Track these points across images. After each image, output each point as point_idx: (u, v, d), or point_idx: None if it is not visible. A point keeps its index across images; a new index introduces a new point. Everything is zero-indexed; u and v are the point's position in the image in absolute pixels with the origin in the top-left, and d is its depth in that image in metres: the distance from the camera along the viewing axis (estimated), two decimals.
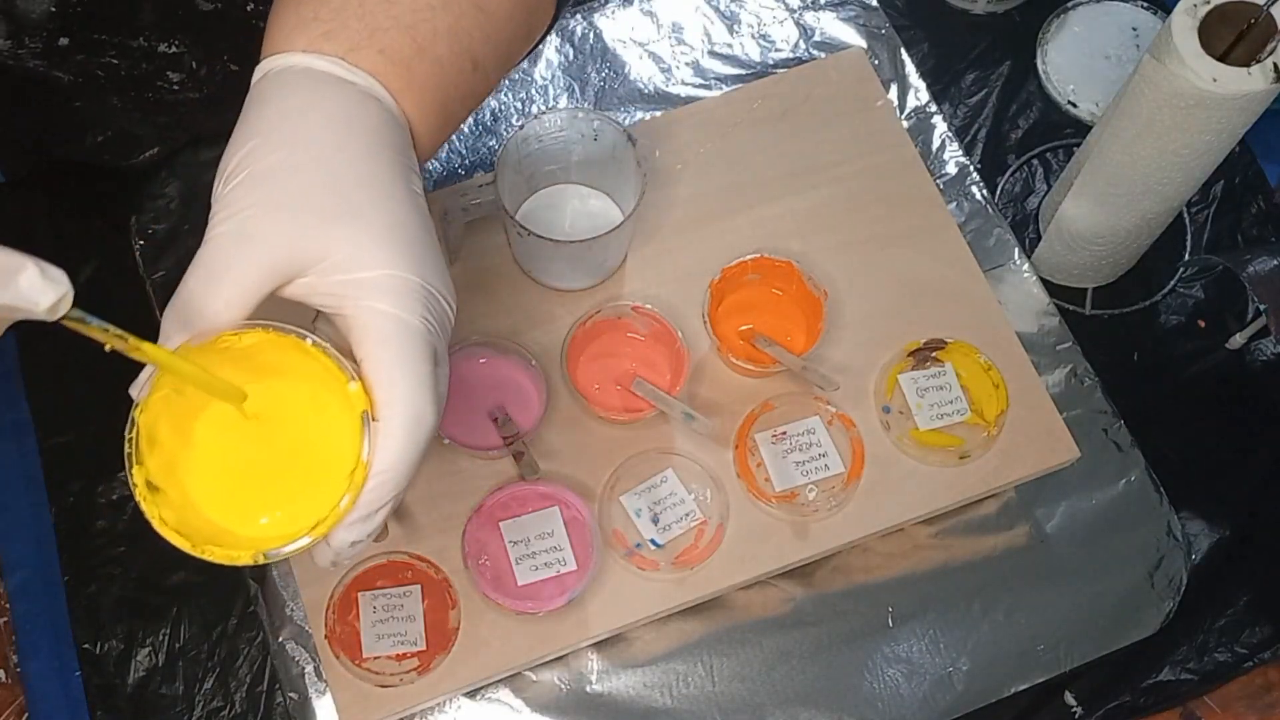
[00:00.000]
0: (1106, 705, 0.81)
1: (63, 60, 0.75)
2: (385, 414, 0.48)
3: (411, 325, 0.48)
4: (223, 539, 0.47)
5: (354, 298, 0.48)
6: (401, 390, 0.48)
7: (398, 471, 0.48)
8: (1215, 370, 0.90)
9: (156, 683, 0.80)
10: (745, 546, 0.74)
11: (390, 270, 0.48)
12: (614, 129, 0.73)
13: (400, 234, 0.49)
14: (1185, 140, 0.73)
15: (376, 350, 0.48)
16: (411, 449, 0.48)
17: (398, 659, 0.71)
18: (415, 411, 0.48)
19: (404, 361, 0.48)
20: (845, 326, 0.78)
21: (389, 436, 0.47)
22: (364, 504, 0.47)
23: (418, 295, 0.49)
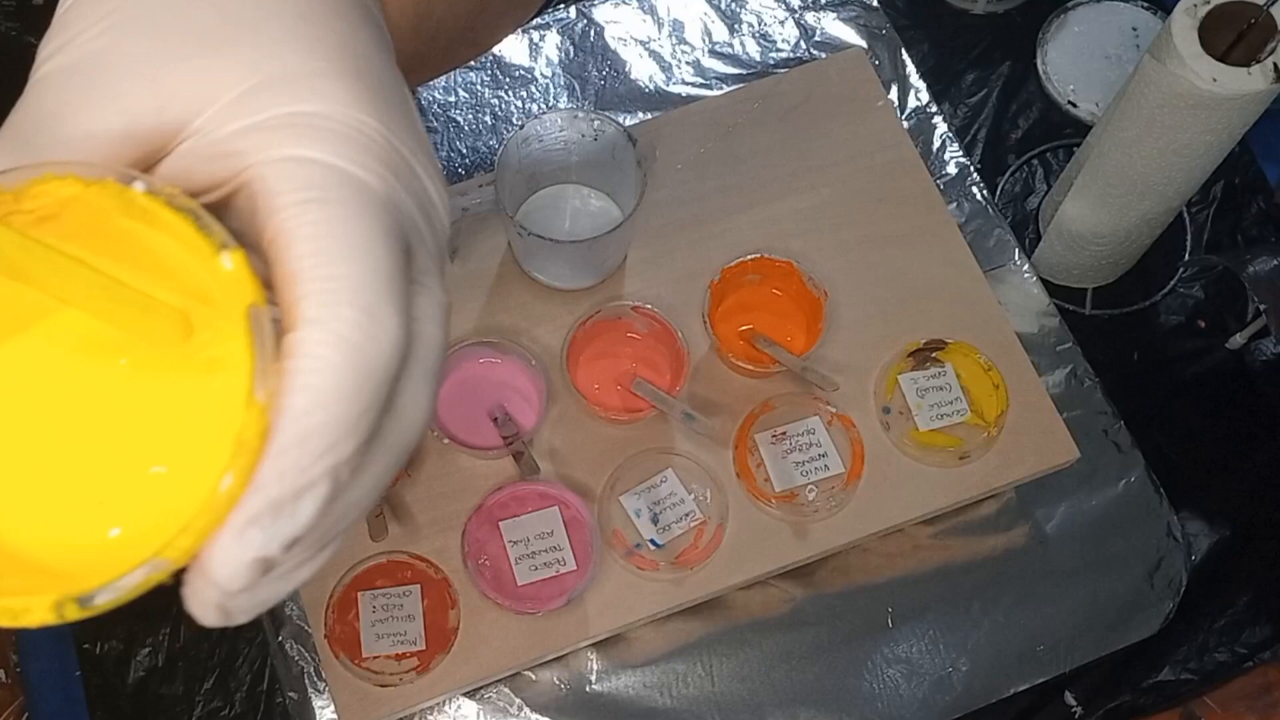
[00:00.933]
0: (1106, 705, 0.81)
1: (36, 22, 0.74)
2: (303, 311, 0.26)
3: (357, 178, 0.28)
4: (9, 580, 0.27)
5: (260, 150, 0.27)
6: (340, 269, 0.26)
7: (334, 412, 0.25)
8: (1215, 370, 0.90)
9: (156, 683, 0.80)
10: (745, 546, 0.73)
11: (329, 105, 0.28)
12: (614, 129, 0.73)
13: (348, 57, 0.29)
14: (1185, 140, 0.73)
15: (297, 215, 0.27)
16: (360, 372, 0.26)
17: (397, 659, 0.71)
18: (363, 306, 0.26)
19: (348, 227, 0.27)
20: (845, 327, 0.78)
21: (313, 353, 0.26)
22: (272, 480, 0.25)
23: (375, 149, 0.28)
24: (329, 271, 0.26)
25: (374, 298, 0.26)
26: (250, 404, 0.25)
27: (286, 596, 0.28)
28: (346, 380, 0.26)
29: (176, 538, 0.24)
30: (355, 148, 0.28)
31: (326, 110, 0.28)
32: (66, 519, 0.27)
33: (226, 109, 0.28)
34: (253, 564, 0.25)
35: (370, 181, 0.28)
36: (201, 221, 0.26)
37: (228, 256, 0.25)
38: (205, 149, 0.28)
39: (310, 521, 0.26)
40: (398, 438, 0.28)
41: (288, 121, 0.27)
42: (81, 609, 0.25)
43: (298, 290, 0.26)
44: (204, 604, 0.26)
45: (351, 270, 0.26)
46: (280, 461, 0.25)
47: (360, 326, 0.26)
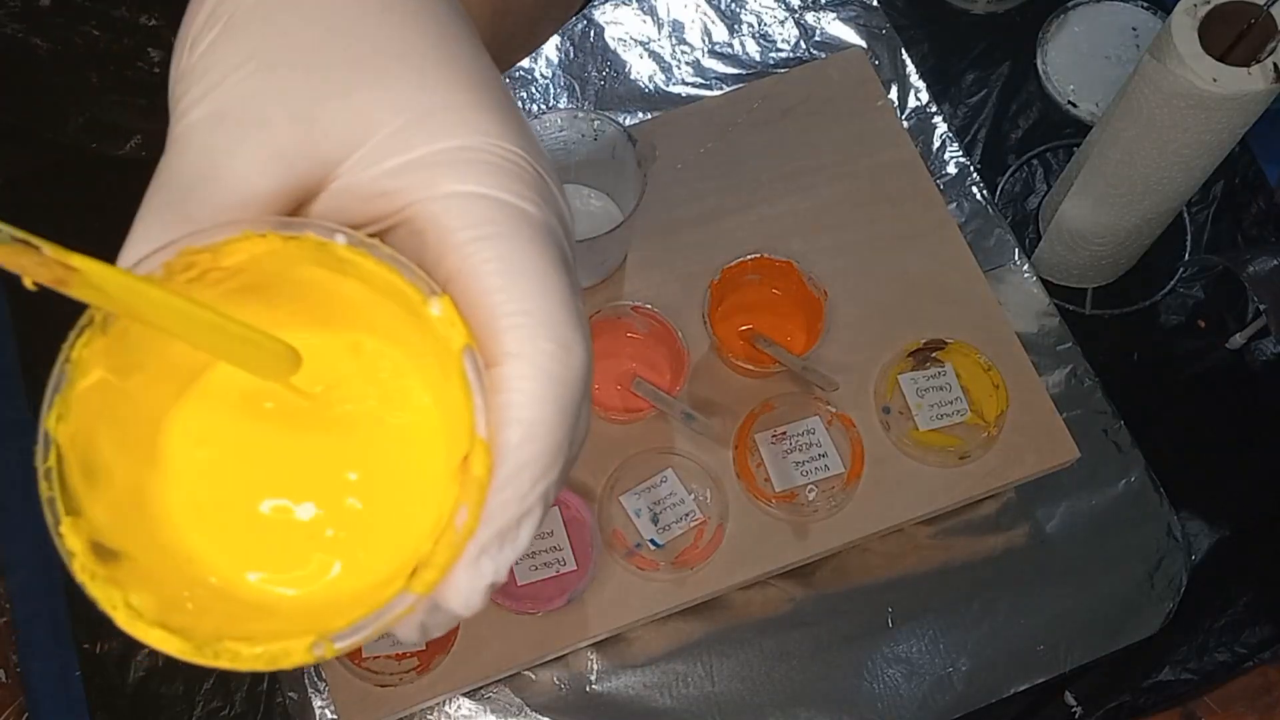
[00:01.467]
0: (1106, 705, 0.81)
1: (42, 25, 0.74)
2: (509, 350, 0.27)
3: (523, 210, 0.28)
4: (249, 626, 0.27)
5: (424, 187, 0.28)
6: (531, 304, 0.27)
7: (545, 443, 0.27)
8: (1215, 370, 0.90)
9: (156, 683, 0.80)
10: (745, 546, 0.73)
11: (480, 138, 0.28)
12: (614, 129, 0.73)
13: (484, 87, 0.30)
14: (1185, 140, 0.73)
15: (477, 251, 0.27)
16: (561, 403, 0.27)
17: (397, 659, 0.71)
18: (558, 339, 0.27)
19: (528, 260, 0.28)
20: (845, 326, 0.78)
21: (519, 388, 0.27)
22: (498, 512, 0.27)
23: (527, 178, 0.29)
24: (522, 306, 0.27)
25: (566, 330, 0.28)
26: (475, 440, 0.26)
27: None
28: (551, 411, 0.27)
29: (421, 573, 0.26)
30: (513, 179, 0.28)
31: (479, 143, 0.28)
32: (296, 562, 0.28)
33: (380, 146, 0.28)
34: (486, 590, 0.27)
35: (532, 211, 0.28)
36: (405, 270, 0.26)
37: (437, 304, 0.26)
38: (361, 187, 0.28)
39: (528, 543, 0.27)
40: (574, 452, 0.29)
41: (446, 157, 0.28)
42: (336, 647, 0.26)
43: (496, 325, 0.27)
44: (410, 626, 0.28)
45: (542, 304, 0.27)
46: (504, 493, 0.26)
47: (558, 359, 0.27)
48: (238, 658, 0.25)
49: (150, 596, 0.26)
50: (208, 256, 0.26)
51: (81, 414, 0.27)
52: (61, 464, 0.26)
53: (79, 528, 0.26)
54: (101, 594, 0.26)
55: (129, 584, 0.26)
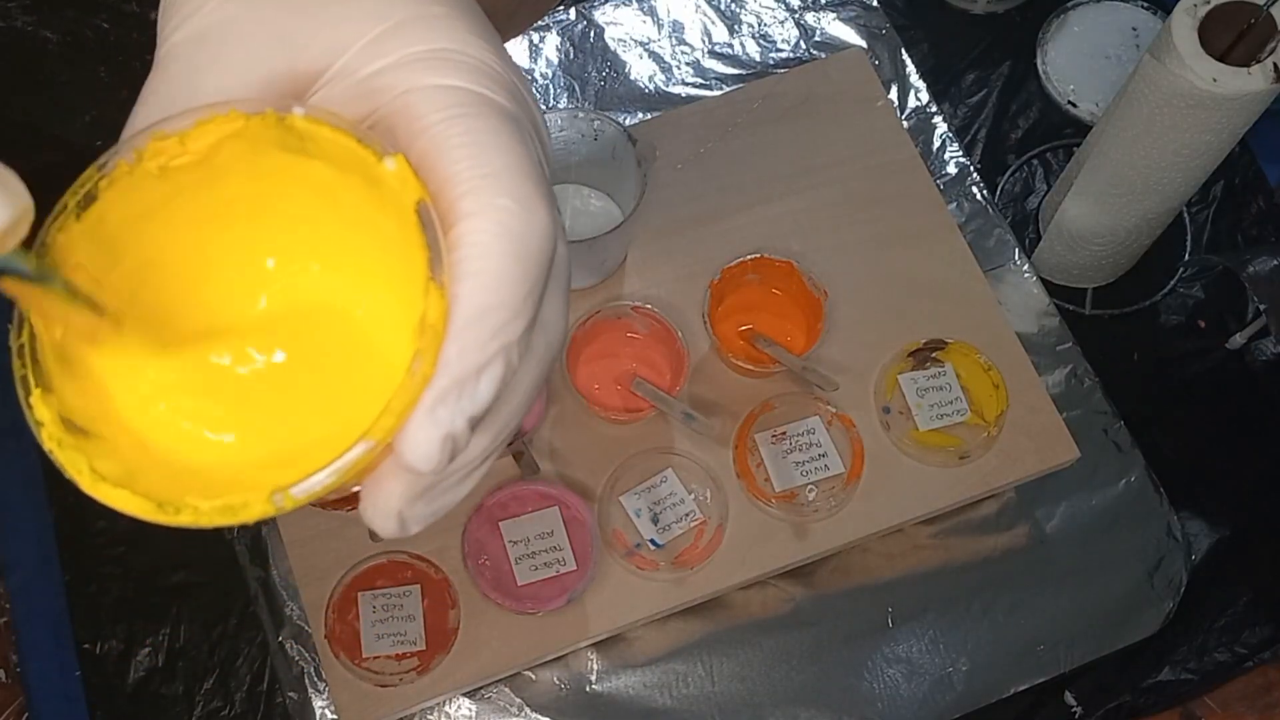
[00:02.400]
0: (1106, 705, 0.81)
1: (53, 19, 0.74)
2: (466, 205, 0.27)
3: (498, 102, 0.29)
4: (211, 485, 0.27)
5: (398, 85, 0.29)
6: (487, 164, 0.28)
7: (502, 294, 0.27)
8: (1215, 370, 0.90)
9: (156, 683, 0.80)
10: (745, 546, 0.73)
11: (453, 43, 0.30)
12: (614, 129, 0.73)
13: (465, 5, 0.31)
14: (1185, 140, 0.73)
15: (446, 128, 0.28)
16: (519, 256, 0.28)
17: (397, 659, 0.71)
18: (517, 197, 0.28)
19: (493, 134, 0.28)
20: (845, 326, 0.78)
21: (476, 241, 0.27)
22: (454, 360, 0.27)
23: (501, 79, 0.30)
24: (484, 170, 0.28)
25: (526, 189, 0.28)
26: (430, 289, 0.26)
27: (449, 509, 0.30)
28: (510, 264, 0.27)
29: (379, 419, 0.26)
30: (485, 76, 0.29)
31: (453, 46, 0.29)
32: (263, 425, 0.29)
33: (360, 54, 0.29)
34: (443, 441, 0.26)
35: (502, 103, 0.29)
36: (360, 134, 0.27)
37: (390, 160, 0.27)
38: (343, 92, 0.29)
39: (489, 399, 0.27)
40: (545, 349, 0.30)
41: (423, 57, 0.29)
42: (295, 498, 0.26)
43: (455, 190, 0.27)
44: (386, 513, 0.28)
45: (504, 166, 0.28)
46: (460, 341, 0.26)
47: (517, 215, 0.27)
48: (198, 511, 0.26)
49: (115, 464, 0.26)
50: (175, 142, 0.27)
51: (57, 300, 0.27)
52: (34, 343, 0.27)
53: (49, 401, 0.27)
54: (67, 459, 0.26)
55: (95, 454, 0.26)
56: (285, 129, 0.27)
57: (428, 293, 0.26)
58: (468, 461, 0.29)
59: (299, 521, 0.73)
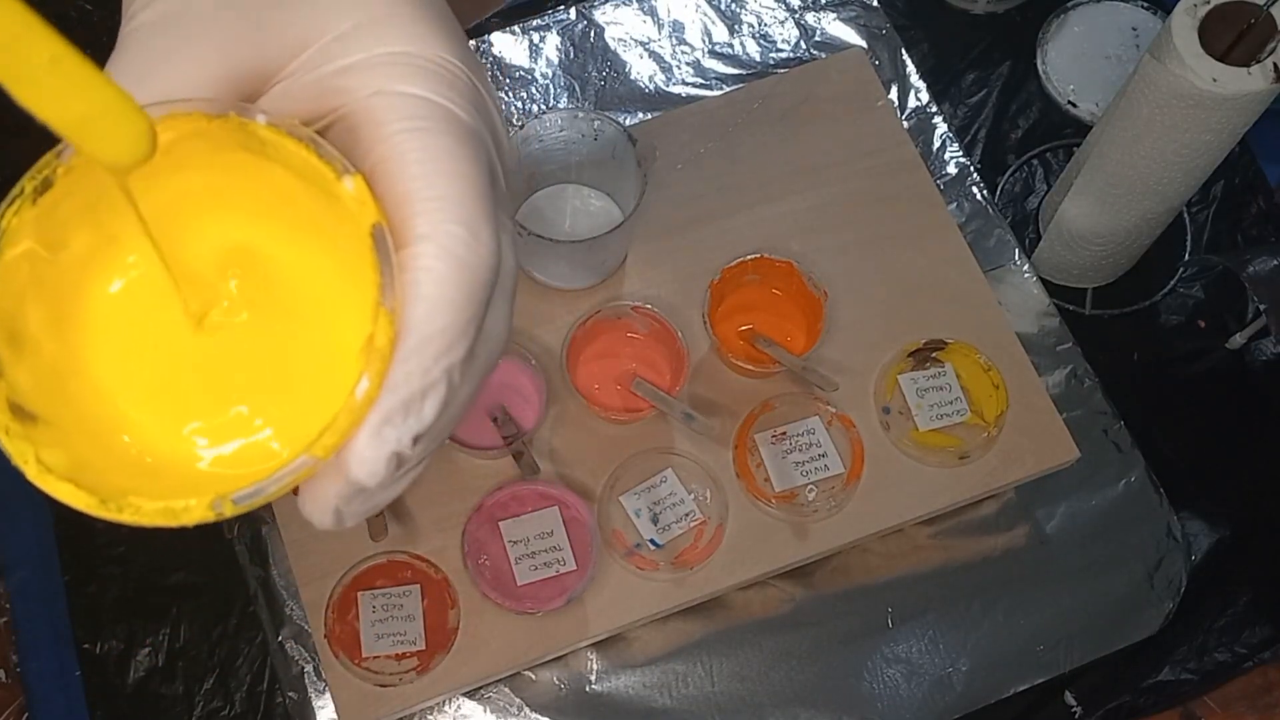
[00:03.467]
0: (1106, 705, 0.81)
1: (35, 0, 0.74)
2: (420, 231, 0.28)
3: (457, 115, 0.30)
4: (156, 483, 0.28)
5: (360, 88, 0.29)
6: (445, 191, 0.28)
7: (448, 319, 0.28)
8: (1215, 370, 0.90)
9: (156, 683, 0.80)
10: (745, 546, 0.73)
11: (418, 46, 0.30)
12: (614, 129, 0.73)
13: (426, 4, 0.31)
14: (1185, 140, 0.73)
15: (403, 142, 0.29)
16: (465, 284, 0.28)
17: (397, 659, 0.71)
18: (466, 224, 0.28)
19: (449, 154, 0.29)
20: (845, 327, 0.78)
21: (426, 266, 0.28)
22: (401, 383, 0.27)
23: (461, 85, 0.30)
24: (436, 192, 0.28)
25: (476, 216, 0.28)
26: (379, 314, 0.27)
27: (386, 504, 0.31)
28: (457, 291, 0.28)
29: (322, 437, 0.26)
30: (447, 85, 0.30)
31: (417, 50, 0.30)
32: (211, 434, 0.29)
33: (322, 51, 0.29)
34: (389, 459, 0.28)
35: (462, 116, 0.30)
36: (322, 149, 0.27)
37: (349, 180, 0.27)
38: (303, 89, 0.30)
39: (434, 419, 0.28)
40: (486, 357, 0.31)
41: (384, 61, 0.29)
42: (236, 506, 0.26)
43: (409, 209, 0.28)
44: (323, 509, 0.29)
45: (456, 191, 0.28)
46: (407, 365, 0.27)
47: (465, 242, 0.28)
48: (140, 511, 0.26)
49: (62, 455, 0.27)
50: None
51: (9, 282, 0.27)
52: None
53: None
54: (14, 449, 0.27)
55: (43, 443, 0.27)
56: (247, 134, 0.28)
57: (377, 318, 0.27)
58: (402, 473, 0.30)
59: (299, 521, 0.73)
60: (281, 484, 0.26)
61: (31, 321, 0.28)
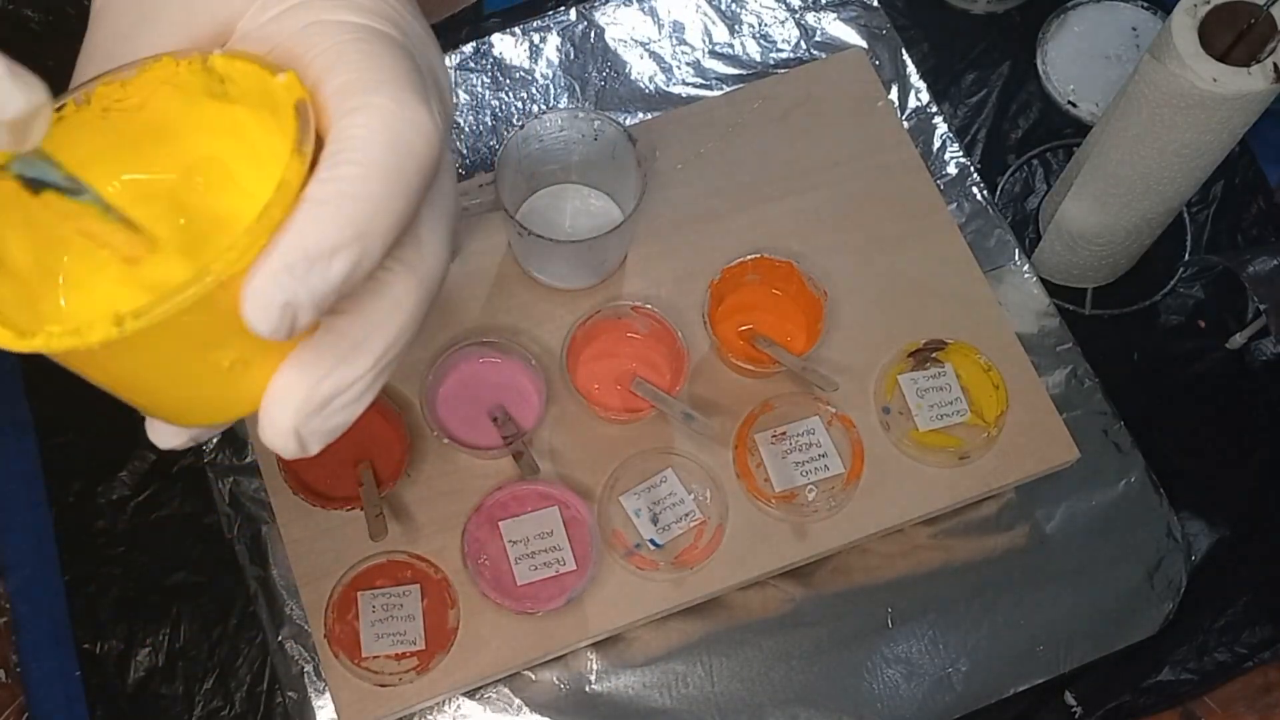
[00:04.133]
0: (1106, 705, 0.81)
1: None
2: (348, 104, 0.30)
3: (388, 34, 0.32)
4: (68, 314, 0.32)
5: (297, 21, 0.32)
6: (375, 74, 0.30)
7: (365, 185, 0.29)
8: (1215, 370, 0.90)
9: (156, 683, 0.80)
10: (745, 546, 0.73)
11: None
12: (614, 129, 0.73)
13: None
14: (1185, 140, 0.73)
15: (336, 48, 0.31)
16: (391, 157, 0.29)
17: (397, 658, 0.71)
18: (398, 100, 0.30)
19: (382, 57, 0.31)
20: (845, 327, 0.78)
21: (350, 134, 0.29)
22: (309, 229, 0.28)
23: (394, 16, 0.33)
24: (370, 79, 0.30)
25: (406, 94, 0.30)
26: (293, 155, 0.28)
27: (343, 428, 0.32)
28: (383, 155, 0.29)
29: (223, 253, 0.27)
30: (378, 15, 0.32)
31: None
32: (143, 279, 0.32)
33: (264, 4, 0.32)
34: (283, 307, 0.28)
35: (393, 34, 0.32)
36: (263, 61, 0.31)
37: (282, 75, 0.30)
38: (249, 36, 0.32)
39: (339, 280, 0.28)
40: (425, 271, 0.31)
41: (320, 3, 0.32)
42: (136, 320, 0.27)
43: (344, 95, 0.30)
44: (284, 432, 0.30)
45: (389, 76, 0.30)
46: (316, 217, 0.28)
47: (395, 114, 0.29)
48: (50, 336, 0.28)
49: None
50: (118, 87, 0.31)
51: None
52: None
53: None
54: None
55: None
56: (208, 72, 0.31)
57: (290, 160, 0.28)
58: (354, 376, 0.30)
59: (299, 521, 0.73)
60: (182, 300, 0.27)
61: (9, 240, 0.31)
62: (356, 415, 0.31)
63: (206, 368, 0.30)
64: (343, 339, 0.30)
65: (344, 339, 0.30)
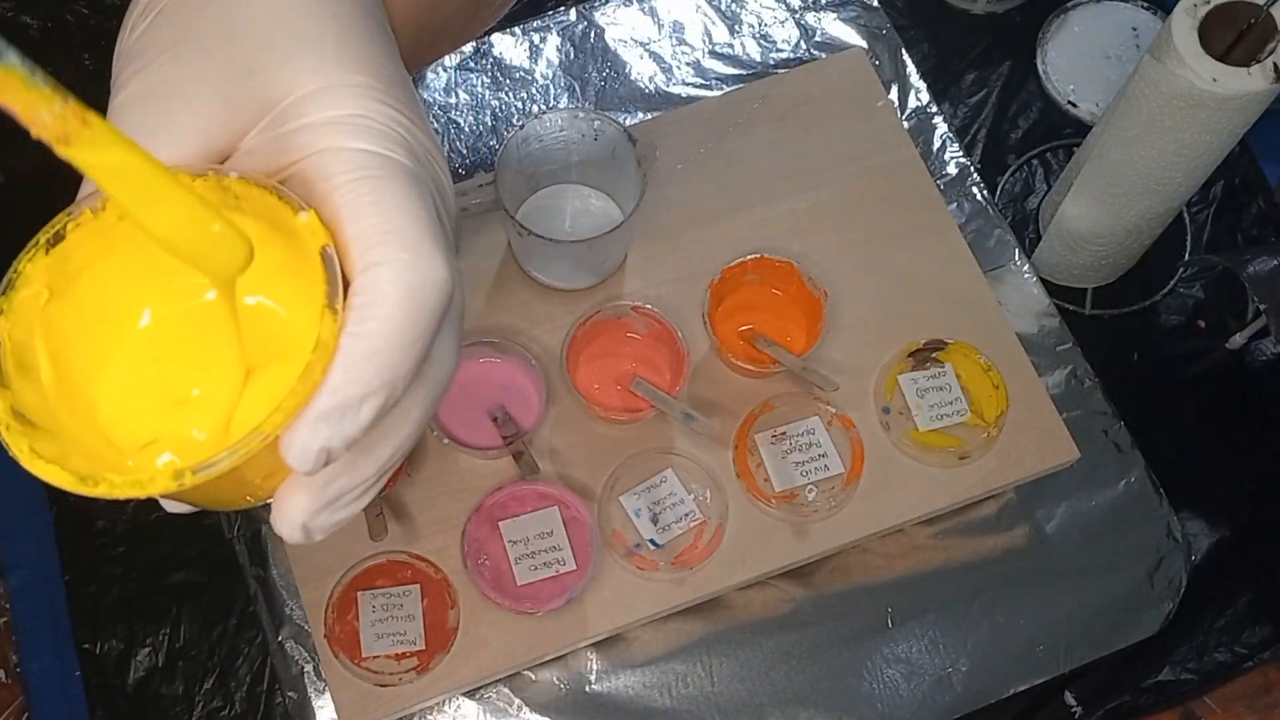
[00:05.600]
0: (1106, 705, 0.81)
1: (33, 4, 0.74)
2: (370, 257, 0.32)
3: (402, 164, 0.33)
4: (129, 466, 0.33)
5: (314, 145, 0.33)
6: (391, 222, 0.32)
7: (396, 338, 0.31)
8: (1215, 370, 0.90)
9: (156, 683, 0.80)
10: (745, 546, 0.73)
11: (369, 109, 0.34)
12: (614, 129, 0.73)
13: (378, 70, 0.35)
14: (1185, 140, 0.73)
15: (348, 185, 0.32)
16: (414, 305, 0.31)
17: (397, 658, 0.71)
18: (417, 252, 0.32)
19: (399, 196, 0.32)
20: (845, 327, 0.78)
21: (378, 290, 0.31)
22: (342, 385, 0.30)
23: (406, 143, 0.34)
24: (387, 227, 0.32)
25: (424, 245, 0.32)
26: (325, 314, 0.31)
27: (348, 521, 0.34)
28: (405, 309, 0.31)
29: (271, 415, 0.30)
30: (394, 142, 0.34)
31: (367, 113, 0.34)
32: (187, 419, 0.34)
33: (282, 114, 0.34)
34: (319, 452, 0.30)
35: (409, 165, 0.33)
36: (282, 193, 0.32)
37: (304, 213, 0.32)
38: (264, 147, 0.34)
39: (368, 423, 0.31)
40: (434, 383, 0.34)
41: (336, 120, 0.33)
42: (195, 476, 0.30)
43: (362, 245, 0.31)
44: (292, 524, 0.32)
45: (406, 225, 0.32)
46: (349, 372, 0.30)
47: (414, 267, 0.31)
48: (112, 485, 0.30)
49: (51, 448, 0.31)
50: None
51: (21, 316, 0.32)
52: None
53: (4, 395, 0.31)
54: (11, 440, 0.31)
55: (35, 440, 0.31)
56: (223, 189, 0.32)
57: (323, 317, 0.30)
58: (360, 481, 0.33)
59: None
60: (235, 455, 0.30)
61: (37, 353, 0.33)
62: (358, 511, 0.34)
63: (242, 486, 0.33)
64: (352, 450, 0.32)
65: (353, 450, 0.32)
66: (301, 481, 0.32)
